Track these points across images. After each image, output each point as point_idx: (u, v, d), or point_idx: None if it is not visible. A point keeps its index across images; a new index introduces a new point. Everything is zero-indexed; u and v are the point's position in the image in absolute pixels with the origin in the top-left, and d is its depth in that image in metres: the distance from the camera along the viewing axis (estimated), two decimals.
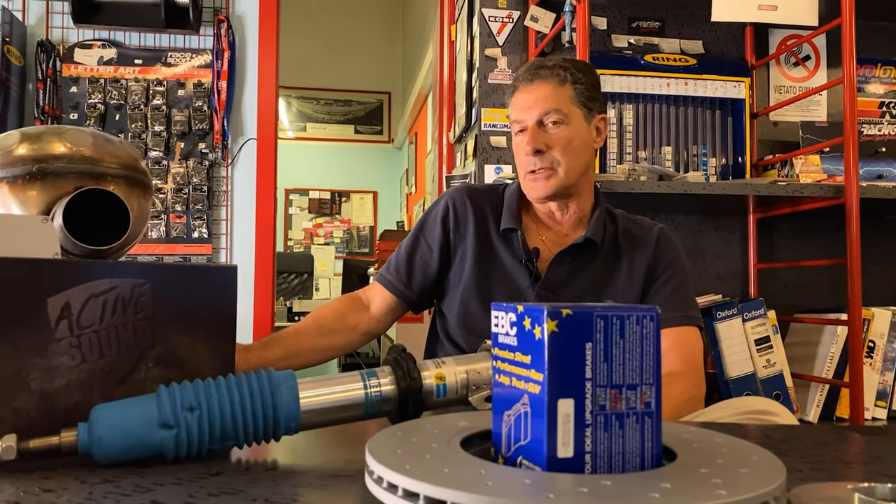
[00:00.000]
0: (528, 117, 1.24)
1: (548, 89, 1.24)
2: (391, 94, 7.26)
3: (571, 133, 1.24)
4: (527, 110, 1.24)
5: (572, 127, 1.24)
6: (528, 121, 1.24)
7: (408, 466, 0.45)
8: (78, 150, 0.78)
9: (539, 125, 1.24)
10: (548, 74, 1.25)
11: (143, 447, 0.60)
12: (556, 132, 1.23)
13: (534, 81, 1.25)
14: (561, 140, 1.23)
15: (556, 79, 1.24)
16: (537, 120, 1.24)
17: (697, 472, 0.45)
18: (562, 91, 1.24)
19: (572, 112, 1.24)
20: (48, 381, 0.63)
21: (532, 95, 1.24)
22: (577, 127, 1.24)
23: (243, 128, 2.65)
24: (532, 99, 1.24)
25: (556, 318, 0.47)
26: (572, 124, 1.24)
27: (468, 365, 0.74)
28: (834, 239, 2.18)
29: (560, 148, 1.23)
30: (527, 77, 1.27)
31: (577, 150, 1.24)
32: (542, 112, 1.23)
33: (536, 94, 1.24)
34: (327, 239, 7.36)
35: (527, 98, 1.25)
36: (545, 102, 1.23)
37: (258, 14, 2.65)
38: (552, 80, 1.24)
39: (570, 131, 1.23)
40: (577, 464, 0.46)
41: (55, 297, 0.63)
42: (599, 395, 0.47)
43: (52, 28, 2.57)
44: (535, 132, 1.23)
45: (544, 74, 1.25)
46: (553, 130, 1.23)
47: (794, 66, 2.38)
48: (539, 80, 1.25)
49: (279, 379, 0.66)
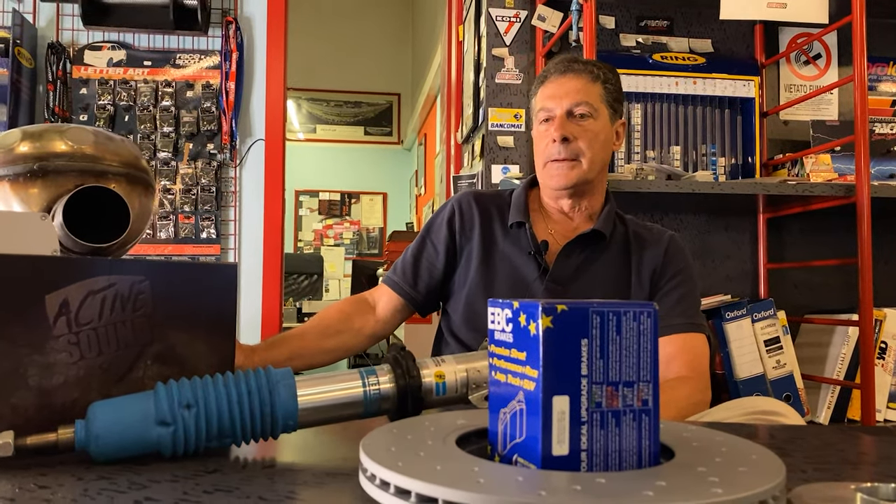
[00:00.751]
0: (557, 106, 1.25)
1: (580, 83, 1.26)
2: (401, 95, 7.27)
3: (598, 128, 1.25)
4: (557, 100, 1.25)
5: (599, 122, 1.25)
6: (557, 110, 1.25)
7: (400, 464, 0.45)
8: (79, 148, 0.78)
9: (568, 115, 1.24)
10: (581, 69, 1.27)
11: (140, 444, 0.60)
12: (585, 124, 1.24)
13: (566, 74, 1.27)
14: (588, 132, 1.24)
15: (589, 74, 1.26)
16: (567, 110, 1.25)
17: (694, 470, 0.44)
18: (593, 87, 1.25)
19: (601, 109, 1.26)
20: (46, 377, 0.63)
21: (563, 87, 1.26)
22: (603, 124, 1.26)
23: (251, 129, 2.66)
24: (563, 90, 1.25)
25: (550, 314, 0.46)
26: (599, 120, 1.25)
27: (468, 363, 0.73)
28: (845, 239, 2.15)
29: (587, 140, 1.24)
30: (559, 69, 1.28)
31: (601, 146, 1.26)
32: (574, 103, 1.24)
33: (568, 87, 1.25)
34: (337, 240, 7.38)
35: (558, 89, 1.26)
36: (577, 94, 1.24)
37: (266, 15, 2.66)
38: (585, 75, 1.26)
39: (596, 126, 1.25)
40: (572, 462, 0.46)
41: (53, 294, 0.63)
42: (595, 392, 0.47)
43: (62, 30, 2.58)
44: (563, 121, 1.24)
45: (578, 69, 1.27)
46: (581, 122, 1.24)
47: (805, 65, 2.36)
48: (572, 73, 1.27)
49: (277, 377, 0.65)
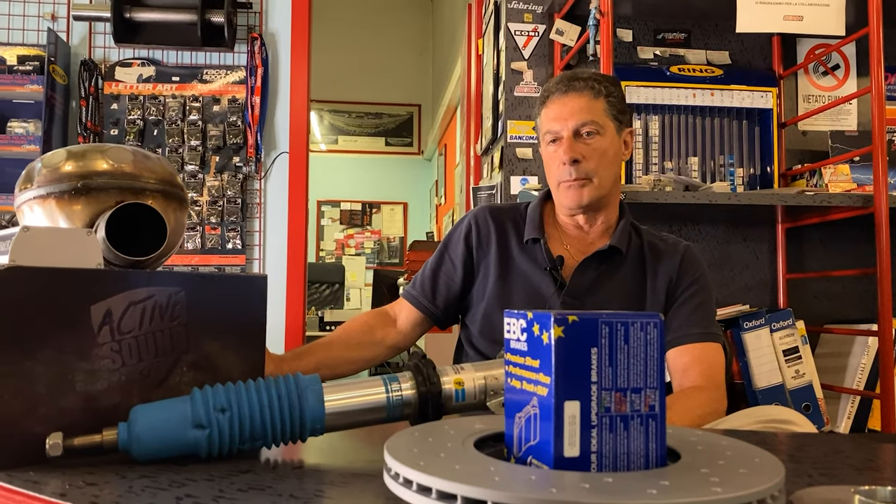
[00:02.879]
0: (563, 128, 1.26)
1: (583, 101, 1.25)
2: (421, 106, 7.34)
3: (605, 144, 1.26)
4: (562, 121, 1.26)
5: (606, 138, 1.26)
6: (563, 131, 1.26)
7: (422, 463, 0.48)
8: (119, 166, 0.83)
9: (575, 136, 1.25)
10: (582, 87, 1.26)
11: (177, 446, 0.64)
12: (592, 143, 1.25)
13: (568, 93, 1.27)
14: (597, 151, 1.25)
15: (590, 91, 1.26)
16: (573, 130, 1.25)
17: (698, 471, 0.47)
18: (596, 103, 1.25)
19: (606, 124, 1.26)
20: (91, 383, 0.67)
21: (567, 107, 1.26)
22: (610, 138, 1.26)
23: (276, 141, 2.73)
24: (567, 110, 1.26)
25: (562, 325, 0.49)
26: (606, 136, 1.26)
27: (486, 371, 0.77)
28: (864, 249, 2.15)
29: (596, 158, 1.25)
30: (560, 88, 1.28)
31: (611, 161, 1.27)
32: (579, 123, 1.24)
33: (572, 106, 1.26)
34: (358, 249, 7.45)
35: (562, 109, 1.26)
36: (581, 114, 1.25)
37: (290, 31, 2.72)
38: (587, 92, 1.26)
39: (604, 142, 1.25)
40: (583, 463, 0.49)
41: (98, 304, 0.68)
42: (604, 398, 0.50)
43: (94, 48, 2.67)
44: (571, 142, 1.24)
45: (579, 87, 1.27)
46: (589, 141, 1.25)
47: (823, 76, 2.37)
48: (574, 92, 1.26)
49: (305, 382, 0.69)
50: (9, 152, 2.47)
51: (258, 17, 2.72)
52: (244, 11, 2.69)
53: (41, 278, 0.65)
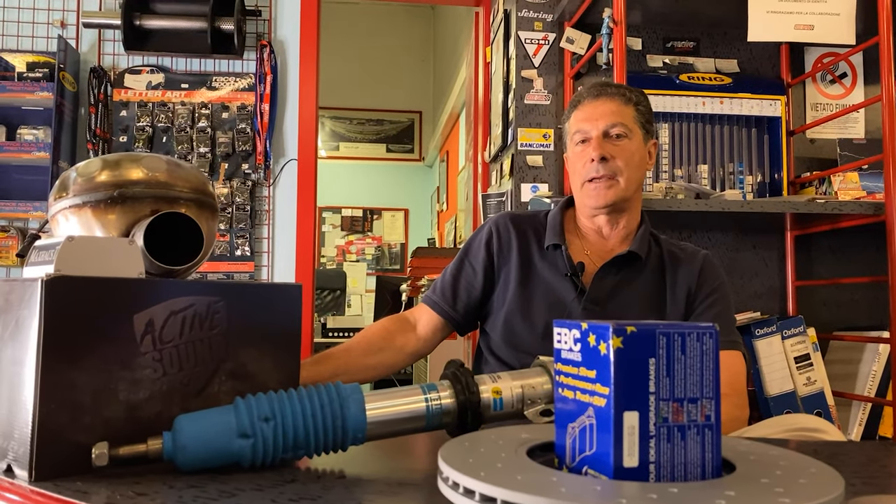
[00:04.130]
0: (593, 128, 1.29)
1: (614, 105, 1.30)
2: (422, 113, 7.35)
3: (633, 147, 1.29)
4: (592, 121, 1.30)
5: (634, 142, 1.29)
6: (592, 131, 1.29)
7: (482, 473, 0.48)
8: (154, 175, 0.83)
9: (605, 136, 1.29)
10: (614, 93, 1.32)
11: (222, 455, 0.64)
12: (621, 143, 1.28)
13: (599, 97, 1.32)
14: (625, 151, 1.28)
15: (621, 97, 1.31)
16: (603, 130, 1.29)
17: (758, 481, 0.47)
18: (626, 109, 1.30)
19: (634, 129, 1.30)
20: (134, 392, 0.67)
21: (598, 109, 1.30)
22: (637, 144, 1.30)
23: (284, 149, 2.73)
24: (598, 112, 1.30)
25: (621, 335, 0.50)
26: (634, 140, 1.29)
27: (523, 380, 0.77)
28: (874, 256, 2.17)
29: (624, 158, 1.28)
30: (592, 93, 1.33)
31: (637, 165, 1.30)
32: (609, 124, 1.28)
33: (603, 109, 1.30)
34: (359, 256, 7.44)
35: (592, 111, 1.30)
36: (612, 116, 1.29)
37: (299, 39, 2.73)
38: (618, 97, 1.31)
39: (632, 145, 1.29)
40: (641, 473, 0.49)
41: (140, 313, 0.68)
42: (662, 408, 0.50)
43: (103, 55, 2.67)
44: (600, 141, 1.28)
45: (611, 92, 1.32)
46: (617, 142, 1.28)
47: (831, 84, 2.38)
48: (605, 97, 1.31)
49: (347, 391, 0.69)
50: (19, 159, 2.47)
51: (267, 24, 2.72)
52: (253, 19, 2.69)
53: (87, 288, 0.65)
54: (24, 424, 0.63)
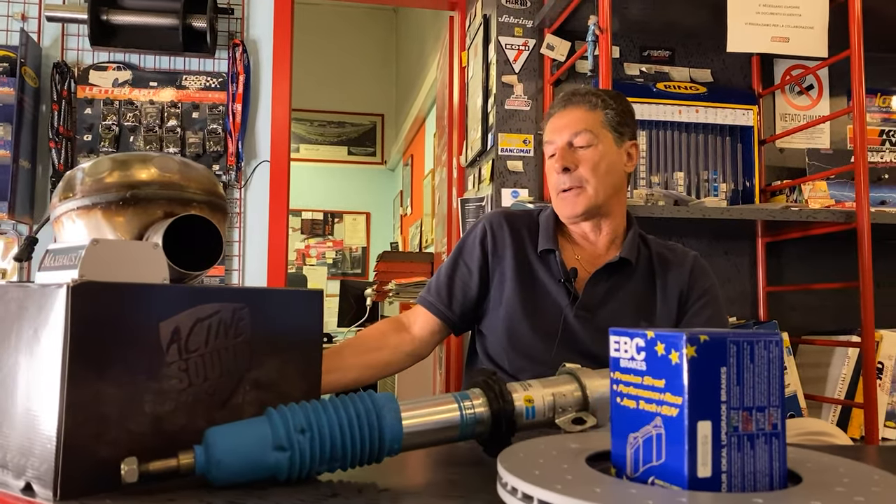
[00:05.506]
0: (558, 139, 1.31)
1: (579, 113, 1.31)
2: (384, 116, 7.32)
3: (599, 154, 1.29)
4: (558, 132, 1.31)
5: (601, 149, 1.29)
6: (558, 142, 1.31)
7: (559, 486, 0.47)
8: (167, 176, 0.80)
9: (569, 146, 1.30)
10: (580, 101, 1.33)
11: (258, 469, 0.62)
12: (584, 153, 1.29)
13: (566, 107, 1.33)
14: (589, 160, 1.28)
15: (587, 104, 1.32)
16: (567, 141, 1.30)
17: (833, 490, 0.47)
18: (592, 115, 1.30)
19: (602, 134, 1.30)
20: (160, 404, 0.64)
21: (563, 119, 1.32)
22: (606, 149, 1.30)
23: (257, 150, 2.67)
24: (563, 122, 1.32)
25: (695, 344, 0.49)
26: (601, 146, 1.29)
27: (554, 388, 0.76)
28: (841, 262, 2.23)
29: (588, 167, 1.28)
30: (560, 104, 1.35)
31: (606, 171, 1.29)
32: (573, 133, 1.30)
33: (567, 118, 1.31)
34: (319, 259, 7.36)
35: (558, 121, 1.32)
36: (576, 124, 1.30)
37: (272, 38, 2.68)
38: (584, 105, 1.32)
39: (597, 152, 1.29)
40: (714, 483, 0.49)
41: (167, 321, 0.65)
42: (733, 417, 0.50)
43: (67, 50, 2.57)
44: (564, 151, 1.29)
45: (577, 101, 1.33)
46: (581, 151, 1.29)
47: (799, 95, 2.46)
48: (571, 106, 1.33)
49: (381, 401, 0.67)
50: None
51: (240, 23, 2.67)
52: (226, 17, 2.63)
53: (114, 294, 0.61)
54: (46, 440, 0.59)
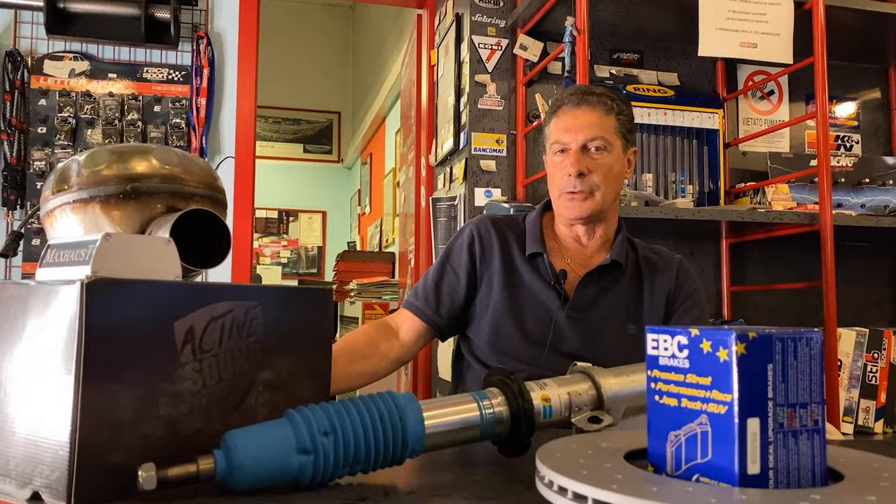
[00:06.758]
0: (572, 140, 1.27)
1: (595, 116, 1.27)
2: (341, 114, 7.24)
3: (612, 161, 1.27)
4: (572, 133, 1.27)
5: (613, 155, 1.28)
6: (572, 144, 1.27)
7: (614, 486, 0.46)
8: (168, 169, 0.77)
9: (583, 149, 1.26)
10: (596, 102, 1.28)
11: (281, 473, 0.59)
12: (600, 158, 1.26)
13: (581, 106, 1.28)
14: (603, 166, 1.26)
15: (603, 107, 1.27)
16: (582, 144, 1.26)
17: (879, 485, 0.48)
18: (607, 120, 1.27)
19: (614, 141, 1.28)
20: (174, 406, 0.61)
21: (579, 120, 1.27)
22: (616, 156, 1.28)
23: (221, 146, 2.60)
24: (578, 124, 1.27)
25: (744, 341, 0.49)
26: (613, 153, 1.28)
27: (569, 387, 0.76)
28: (802, 263, 2.31)
29: (601, 174, 1.26)
30: (573, 100, 1.29)
31: (614, 178, 1.29)
32: (589, 138, 1.26)
33: (583, 120, 1.27)
34: (274, 259, 7.24)
35: (573, 122, 1.27)
36: (592, 129, 1.26)
37: (238, 31, 2.62)
38: (600, 107, 1.27)
39: (611, 159, 1.27)
40: (762, 480, 0.49)
41: (181, 320, 0.62)
42: (779, 414, 0.50)
43: (20, 38, 2.46)
44: (578, 156, 1.26)
45: (592, 101, 1.28)
46: (596, 156, 1.26)
47: (760, 100, 2.53)
48: (587, 106, 1.27)
49: (403, 401, 0.66)
50: None
51: (204, 15, 2.59)
52: (189, 8, 2.56)
53: (129, 292, 0.58)
54: (57, 446, 0.55)
